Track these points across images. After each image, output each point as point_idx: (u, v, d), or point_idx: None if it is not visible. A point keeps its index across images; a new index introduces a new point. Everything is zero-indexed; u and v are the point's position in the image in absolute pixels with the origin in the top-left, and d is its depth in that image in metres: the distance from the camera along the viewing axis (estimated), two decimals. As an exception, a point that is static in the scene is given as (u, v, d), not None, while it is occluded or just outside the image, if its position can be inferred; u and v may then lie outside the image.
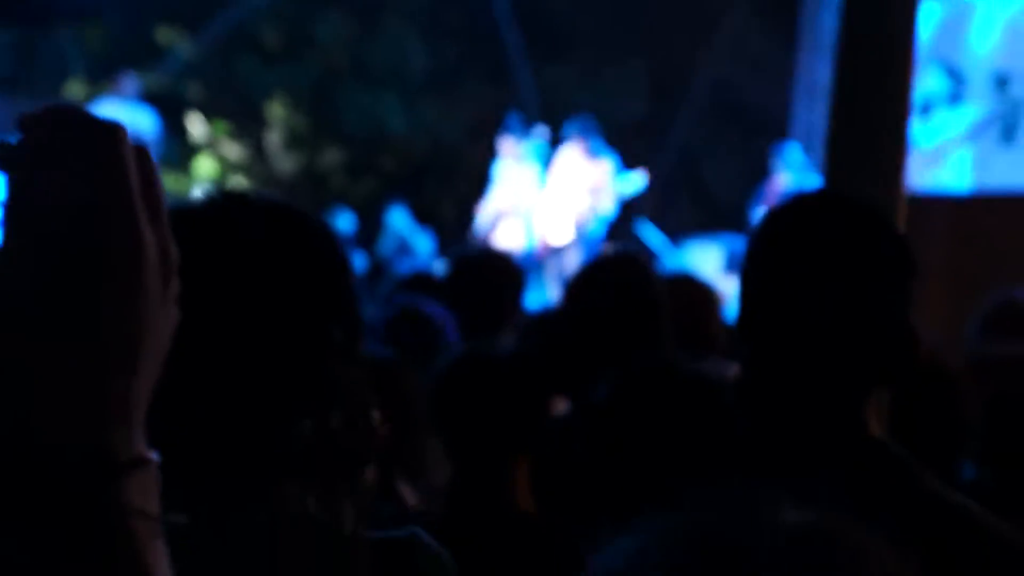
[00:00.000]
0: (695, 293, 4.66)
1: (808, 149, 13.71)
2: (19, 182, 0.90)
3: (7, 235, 0.90)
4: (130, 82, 14.40)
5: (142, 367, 0.91)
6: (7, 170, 0.91)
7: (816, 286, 2.15)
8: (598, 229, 13.55)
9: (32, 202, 0.90)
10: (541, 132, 14.81)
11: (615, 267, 4.12)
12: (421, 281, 6.06)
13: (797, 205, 2.35)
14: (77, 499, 0.88)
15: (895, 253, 2.20)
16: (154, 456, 0.93)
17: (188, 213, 1.73)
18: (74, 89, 16.71)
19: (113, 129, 0.92)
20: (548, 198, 13.70)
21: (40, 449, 0.88)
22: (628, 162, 14.56)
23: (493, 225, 13.93)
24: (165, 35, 18.10)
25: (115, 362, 0.90)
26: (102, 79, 15.63)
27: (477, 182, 15.35)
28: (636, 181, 13.83)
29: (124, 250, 0.90)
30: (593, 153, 13.73)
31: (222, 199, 1.79)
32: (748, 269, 2.27)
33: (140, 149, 0.94)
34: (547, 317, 4.98)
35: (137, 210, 0.91)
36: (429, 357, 3.81)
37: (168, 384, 0.97)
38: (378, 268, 14.80)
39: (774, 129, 15.63)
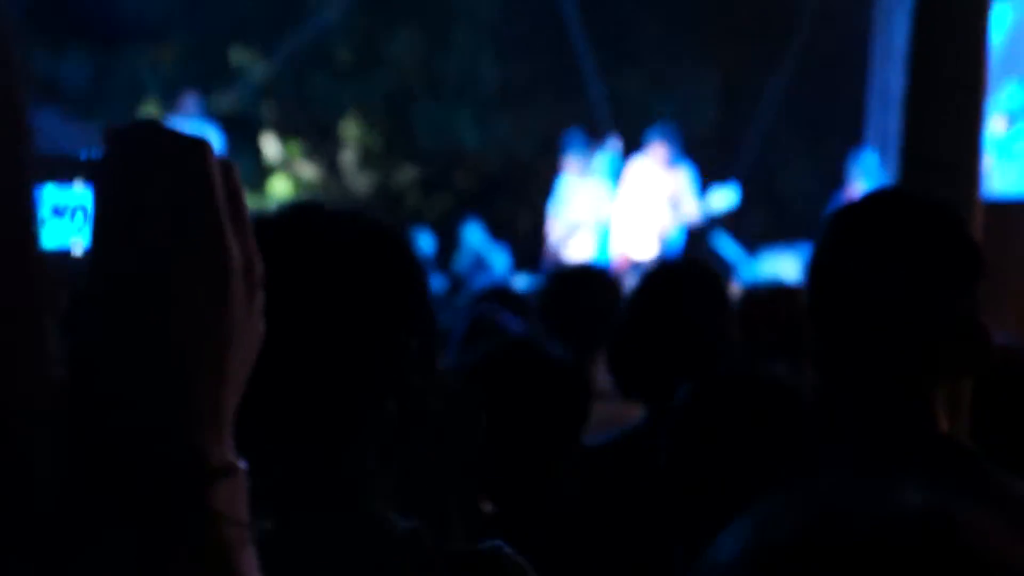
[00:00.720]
0: (789, 298, 4.64)
1: (883, 157, 13.60)
2: (105, 195, 0.93)
3: (95, 247, 0.92)
4: (192, 100, 14.38)
5: (230, 376, 0.93)
6: (93, 183, 0.94)
7: (882, 279, 2.19)
8: (678, 239, 13.41)
9: (118, 215, 0.91)
10: (614, 144, 14.70)
11: (679, 270, 4.12)
12: (498, 294, 6.01)
13: (866, 201, 2.39)
14: (168, 506, 0.90)
15: (964, 251, 2.23)
16: (242, 464, 0.94)
17: (264, 223, 1.74)
18: (148, 110, 16.78)
19: (199, 144, 0.94)
20: (626, 210, 13.59)
21: (132, 456, 0.90)
22: (702, 171, 14.45)
23: (564, 240, 13.84)
24: (238, 55, 18.20)
25: (203, 371, 0.92)
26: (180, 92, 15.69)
27: (552, 196, 15.29)
28: (729, 197, 13.63)
29: (210, 262, 0.92)
30: (672, 162, 13.58)
31: (297, 210, 1.80)
32: (817, 261, 2.31)
33: (225, 164, 0.96)
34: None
35: (223, 223, 0.93)
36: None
37: (252, 393, 0.99)
38: (455, 285, 14.75)
39: (848, 137, 15.51)
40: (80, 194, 0.94)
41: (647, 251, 13.23)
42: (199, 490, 0.91)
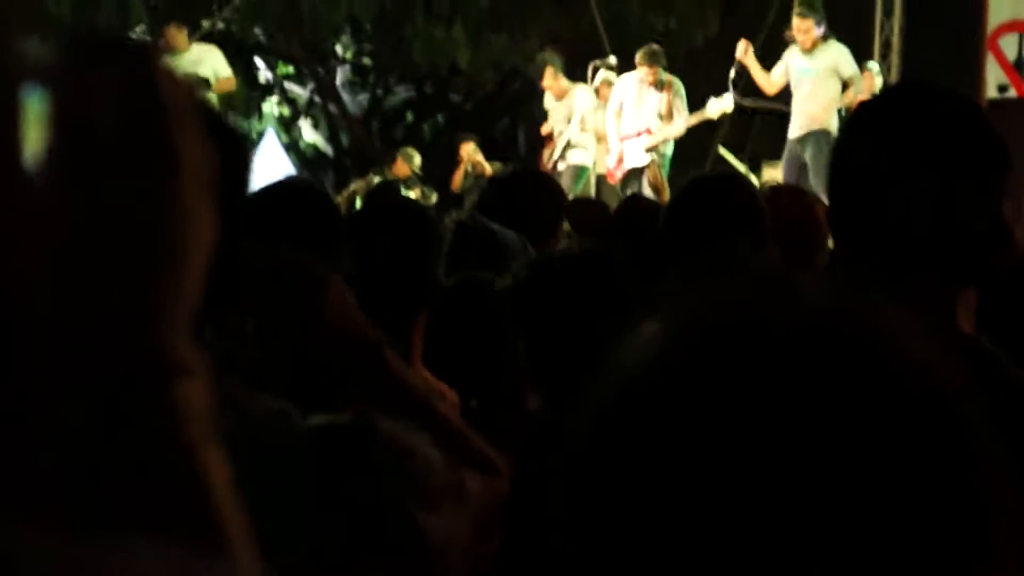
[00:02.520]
0: (796, 203, 4.68)
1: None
2: (55, 98, 0.93)
3: (48, 148, 0.92)
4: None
5: (186, 274, 0.95)
6: (47, 84, 0.93)
7: (904, 176, 2.12)
8: (670, 150, 13.34)
9: (68, 117, 0.92)
10: (611, 59, 14.55)
11: (715, 185, 4.10)
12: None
13: (888, 96, 2.47)
14: (127, 402, 0.92)
15: (986, 145, 2.16)
16: (204, 360, 0.96)
17: None
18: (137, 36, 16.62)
19: (146, 48, 0.98)
20: (618, 121, 13.51)
21: (91, 353, 0.92)
22: (703, 83, 14.28)
23: (559, 152, 13.79)
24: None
25: (159, 268, 0.94)
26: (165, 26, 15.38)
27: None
28: (725, 104, 13.52)
29: (160, 160, 0.94)
30: (661, 81, 13.46)
31: None
32: (838, 161, 2.27)
33: (169, 70, 0.98)
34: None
35: (171, 123, 0.95)
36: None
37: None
38: (454, 202, 14.67)
39: (856, 47, 15.40)
40: (29, 96, 0.93)
41: (638, 159, 13.22)
42: (159, 387, 0.93)
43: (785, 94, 12.47)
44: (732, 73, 12.74)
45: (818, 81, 12.01)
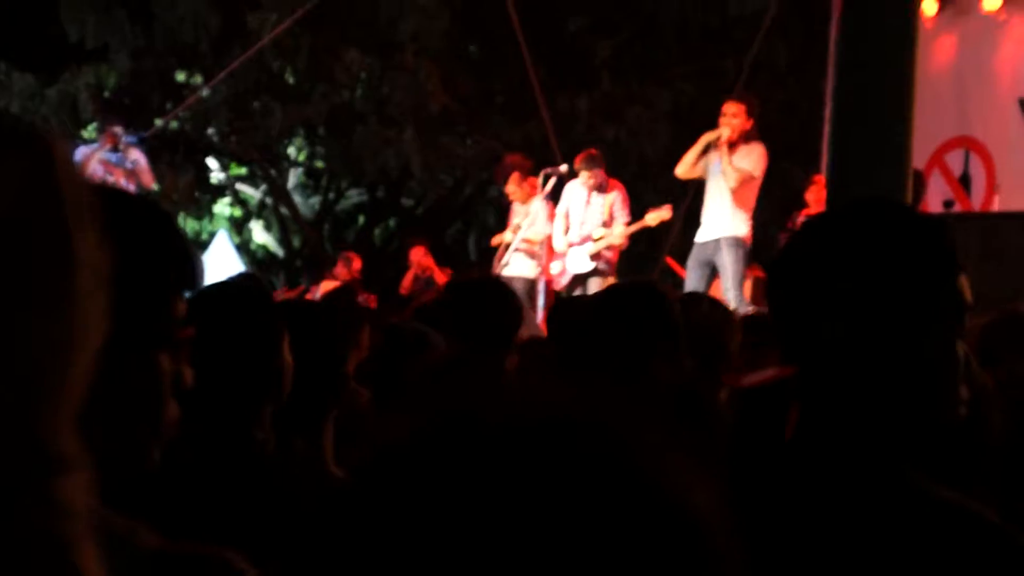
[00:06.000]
0: (713, 313, 4.73)
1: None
2: None
3: None
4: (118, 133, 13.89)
5: (75, 370, 0.93)
6: None
7: (855, 304, 1.92)
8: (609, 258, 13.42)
9: None
10: (563, 167, 14.61)
11: (629, 295, 4.09)
12: (432, 310, 5.87)
13: (832, 215, 2.18)
14: (8, 498, 0.89)
15: (938, 256, 1.94)
16: (86, 454, 0.93)
17: None
18: (88, 134, 16.62)
19: (44, 140, 0.95)
20: (565, 229, 13.60)
21: None
22: (651, 193, 14.34)
23: (507, 258, 13.84)
24: (182, 77, 17.98)
25: (47, 364, 0.91)
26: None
27: (501, 219, 15.19)
28: (663, 213, 13.58)
29: (55, 256, 0.92)
30: (602, 187, 13.54)
31: None
32: (778, 290, 2.04)
33: (70, 165, 0.96)
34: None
35: (69, 219, 0.93)
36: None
37: None
38: (402, 304, 14.65)
39: (806, 160, 15.46)
40: None
41: (584, 265, 13.36)
42: (40, 482, 0.90)
43: None
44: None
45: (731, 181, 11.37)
